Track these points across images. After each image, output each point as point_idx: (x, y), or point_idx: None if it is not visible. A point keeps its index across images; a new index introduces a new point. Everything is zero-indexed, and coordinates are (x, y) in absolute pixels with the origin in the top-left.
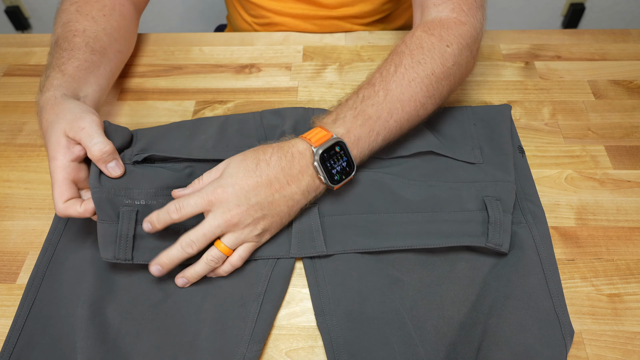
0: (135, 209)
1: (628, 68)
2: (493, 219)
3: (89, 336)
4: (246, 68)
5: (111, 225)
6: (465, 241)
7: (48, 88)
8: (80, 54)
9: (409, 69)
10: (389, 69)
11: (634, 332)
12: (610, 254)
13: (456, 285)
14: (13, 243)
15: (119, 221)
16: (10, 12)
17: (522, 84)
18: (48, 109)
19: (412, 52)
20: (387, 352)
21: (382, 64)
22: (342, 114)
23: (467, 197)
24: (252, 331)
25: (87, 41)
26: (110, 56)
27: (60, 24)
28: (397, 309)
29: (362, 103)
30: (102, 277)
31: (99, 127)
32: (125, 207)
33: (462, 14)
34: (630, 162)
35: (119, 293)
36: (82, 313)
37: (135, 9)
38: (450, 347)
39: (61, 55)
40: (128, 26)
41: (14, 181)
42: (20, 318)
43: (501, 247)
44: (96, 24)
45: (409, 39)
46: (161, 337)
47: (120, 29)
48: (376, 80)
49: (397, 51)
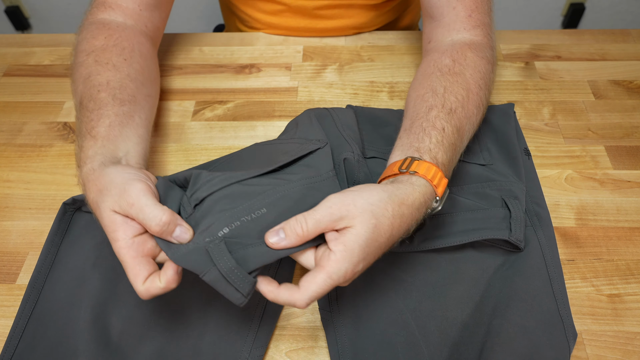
0: (222, 240)
1: (628, 68)
2: (515, 214)
3: (91, 339)
4: (246, 68)
5: (212, 271)
6: (488, 235)
7: (84, 161)
8: (110, 110)
9: (476, 95)
10: (460, 92)
11: (634, 333)
12: (610, 254)
13: (460, 286)
14: (13, 243)
15: (214, 263)
16: (10, 12)
17: (522, 84)
18: (90, 186)
19: (474, 77)
20: (390, 352)
21: (449, 84)
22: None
23: (484, 195)
24: (255, 335)
25: (113, 93)
26: (141, 103)
27: (81, 80)
28: (401, 309)
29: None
30: (105, 279)
31: (149, 196)
32: (211, 244)
33: (491, 39)
34: (630, 162)
35: (123, 296)
36: (84, 316)
37: (152, 45)
38: (454, 347)
39: (89, 118)
40: (150, 66)
41: (14, 181)
42: (21, 320)
43: (521, 243)
44: (118, 71)
45: (463, 60)
46: (164, 341)
47: (144, 71)
48: (457, 108)
49: (455, 72)
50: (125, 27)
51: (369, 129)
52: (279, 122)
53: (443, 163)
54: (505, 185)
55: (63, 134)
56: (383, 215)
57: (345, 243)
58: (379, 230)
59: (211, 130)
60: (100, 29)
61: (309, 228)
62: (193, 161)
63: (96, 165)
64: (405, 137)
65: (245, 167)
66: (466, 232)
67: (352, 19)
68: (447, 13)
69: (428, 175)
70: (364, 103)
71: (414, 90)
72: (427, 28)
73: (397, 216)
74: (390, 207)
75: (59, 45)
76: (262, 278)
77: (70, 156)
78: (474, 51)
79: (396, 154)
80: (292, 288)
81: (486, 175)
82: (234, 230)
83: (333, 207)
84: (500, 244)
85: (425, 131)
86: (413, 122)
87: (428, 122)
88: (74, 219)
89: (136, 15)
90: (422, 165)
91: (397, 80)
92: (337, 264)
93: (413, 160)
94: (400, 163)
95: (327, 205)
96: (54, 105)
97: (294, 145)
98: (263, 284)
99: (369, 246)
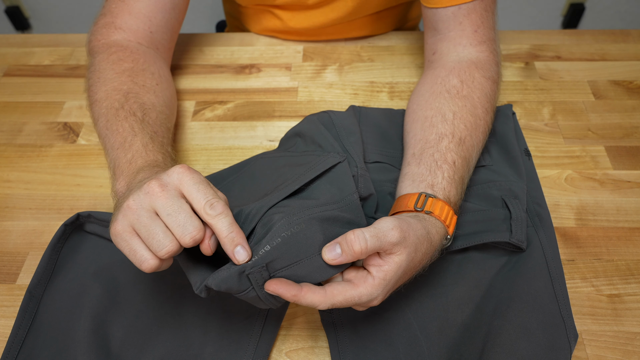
0: (263, 267)
1: (628, 68)
2: (515, 215)
3: (91, 349)
4: (246, 68)
5: (250, 292)
6: (490, 238)
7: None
8: (161, 138)
9: (482, 121)
10: (469, 119)
11: (634, 333)
12: (610, 255)
13: (462, 287)
14: (13, 243)
15: (253, 287)
16: (10, 12)
17: (522, 84)
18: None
19: (481, 101)
20: (392, 352)
21: (458, 109)
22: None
23: (484, 196)
24: (256, 345)
25: (161, 120)
26: (171, 129)
27: (122, 94)
28: (403, 309)
29: (463, 169)
30: (106, 289)
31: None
32: (253, 269)
33: (496, 55)
34: (630, 163)
35: (124, 305)
36: (84, 325)
37: (167, 67)
38: (455, 348)
39: (142, 129)
40: (173, 92)
41: (14, 181)
42: (20, 330)
43: (522, 244)
44: (157, 97)
45: (470, 82)
46: (166, 351)
47: (173, 97)
48: (466, 138)
49: (464, 95)
50: (145, 51)
51: (371, 130)
52: (279, 122)
53: (455, 202)
54: (506, 184)
55: (63, 134)
56: (419, 251)
57: (387, 272)
58: (413, 263)
59: (211, 130)
60: (123, 51)
61: (368, 246)
62: (193, 161)
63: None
64: (416, 166)
65: (263, 186)
66: (467, 236)
67: (354, 31)
68: (454, 27)
69: (442, 216)
70: (364, 103)
71: (420, 108)
72: (430, 39)
73: (426, 253)
74: (425, 245)
75: (59, 46)
76: (280, 282)
77: (70, 156)
78: (480, 71)
79: (407, 184)
80: (316, 292)
81: (486, 176)
82: (275, 248)
83: (395, 230)
84: (502, 245)
85: (437, 164)
86: (423, 150)
87: (439, 153)
88: (77, 228)
89: (148, 37)
90: (436, 205)
91: (397, 80)
92: (372, 289)
93: (427, 198)
94: (414, 200)
95: (388, 226)
96: (54, 106)
97: (311, 157)
98: (282, 289)
99: (402, 277)
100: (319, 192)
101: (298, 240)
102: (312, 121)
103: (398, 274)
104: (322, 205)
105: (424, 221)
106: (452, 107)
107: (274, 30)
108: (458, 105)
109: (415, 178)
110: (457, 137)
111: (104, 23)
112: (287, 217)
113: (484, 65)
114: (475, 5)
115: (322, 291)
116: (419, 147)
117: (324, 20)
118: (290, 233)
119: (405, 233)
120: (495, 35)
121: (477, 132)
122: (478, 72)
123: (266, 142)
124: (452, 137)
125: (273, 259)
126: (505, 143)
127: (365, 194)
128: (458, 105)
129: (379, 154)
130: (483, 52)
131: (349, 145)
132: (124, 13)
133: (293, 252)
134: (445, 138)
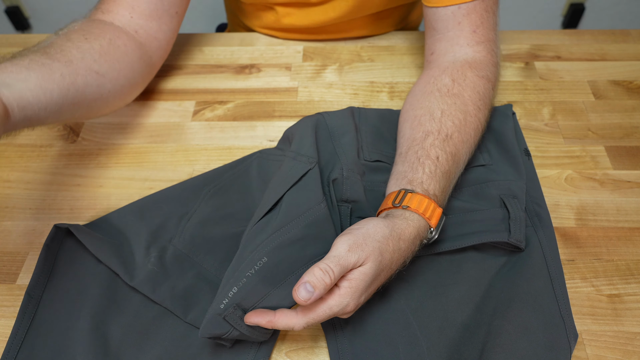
0: (235, 306)
1: (628, 68)
2: (514, 215)
3: (90, 350)
4: (246, 68)
5: (233, 332)
6: (488, 238)
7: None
8: (30, 54)
9: (474, 118)
10: (458, 116)
11: (634, 333)
12: (610, 255)
13: (462, 287)
14: (13, 243)
15: (234, 327)
16: (10, 12)
17: (522, 85)
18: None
19: (472, 99)
20: (392, 352)
21: (447, 107)
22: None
23: (482, 196)
24: (258, 347)
25: (46, 50)
26: (78, 71)
27: (52, 43)
28: (403, 309)
29: (447, 163)
30: (104, 289)
31: None
32: (227, 311)
33: (494, 55)
34: (630, 163)
35: (122, 305)
36: (83, 325)
37: (136, 46)
38: (455, 348)
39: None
40: (116, 55)
41: (14, 181)
42: (20, 330)
43: (521, 244)
44: (69, 41)
45: (462, 81)
46: (164, 351)
47: (103, 51)
48: (454, 134)
49: (454, 93)
50: (107, 23)
51: (371, 130)
52: (279, 122)
53: (435, 194)
54: (504, 183)
55: (63, 134)
56: (386, 251)
57: (351, 280)
58: (382, 265)
59: (211, 130)
60: (82, 22)
61: (335, 276)
62: (193, 161)
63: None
64: (400, 164)
65: (253, 194)
66: (465, 235)
67: (354, 31)
68: (452, 27)
69: (420, 209)
70: (364, 103)
71: (411, 108)
72: (429, 39)
73: (396, 250)
74: (392, 243)
75: None
76: (256, 312)
77: (70, 156)
78: (474, 70)
79: (392, 183)
80: (288, 314)
81: (485, 175)
82: (242, 288)
83: (351, 252)
84: (502, 245)
85: (419, 160)
86: (409, 149)
87: (423, 150)
88: (70, 230)
89: (126, 20)
90: (414, 199)
91: (397, 80)
92: (340, 298)
93: (406, 194)
94: (394, 196)
95: (343, 249)
96: None
97: (286, 165)
98: (258, 318)
99: (373, 282)
100: (286, 205)
101: (263, 275)
102: (306, 123)
103: (367, 280)
104: (285, 225)
105: (393, 218)
106: (441, 105)
107: (274, 27)
108: (447, 103)
109: (399, 176)
110: (444, 133)
111: (94, 8)
112: (251, 254)
113: (478, 65)
114: (476, 5)
115: (294, 313)
116: (406, 146)
117: (324, 19)
118: (254, 271)
119: (362, 246)
120: (496, 36)
121: (467, 128)
122: (471, 71)
123: (266, 142)
124: (438, 133)
125: (243, 298)
126: (505, 142)
127: (351, 198)
128: (447, 103)
129: (379, 153)
130: (480, 53)
131: (339, 148)
132: (111, 0)
133: (259, 288)
134: (431, 135)
